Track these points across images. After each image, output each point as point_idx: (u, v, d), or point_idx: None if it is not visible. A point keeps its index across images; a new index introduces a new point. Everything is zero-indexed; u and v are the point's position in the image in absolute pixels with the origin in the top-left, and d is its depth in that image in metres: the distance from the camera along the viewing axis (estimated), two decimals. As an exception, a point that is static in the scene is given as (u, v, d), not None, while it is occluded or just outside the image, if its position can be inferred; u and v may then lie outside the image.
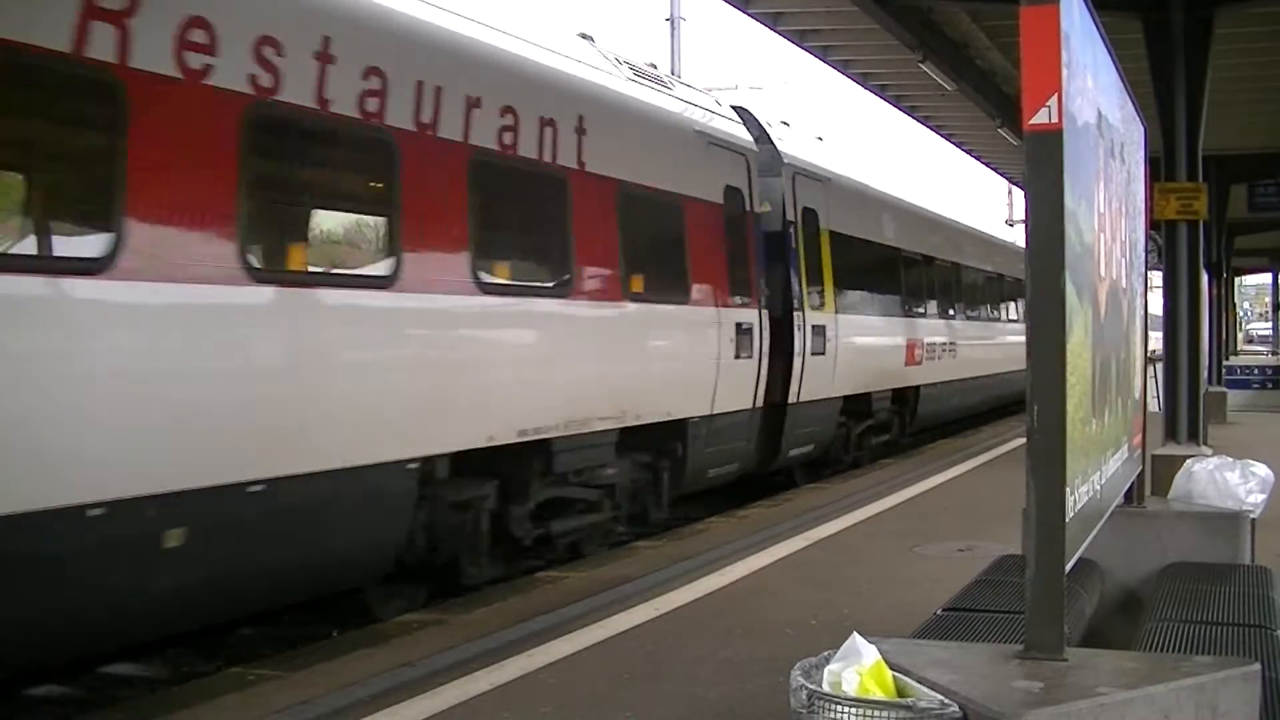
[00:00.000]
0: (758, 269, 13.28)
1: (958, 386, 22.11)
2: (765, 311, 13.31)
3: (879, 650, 3.71)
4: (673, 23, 29.74)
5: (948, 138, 26.88)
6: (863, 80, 20.68)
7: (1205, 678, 3.80)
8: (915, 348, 19.33)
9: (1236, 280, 52.32)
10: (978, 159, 30.86)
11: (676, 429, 11.58)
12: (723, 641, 7.08)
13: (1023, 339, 4.05)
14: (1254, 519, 7.00)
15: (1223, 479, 7.11)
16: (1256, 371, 29.57)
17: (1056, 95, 3.93)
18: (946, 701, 3.51)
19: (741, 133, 13.74)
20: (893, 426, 18.94)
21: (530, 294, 9.55)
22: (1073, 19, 4.22)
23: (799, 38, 17.77)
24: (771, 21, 16.91)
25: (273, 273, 7.16)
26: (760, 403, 13.19)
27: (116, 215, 6.10)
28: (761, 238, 13.58)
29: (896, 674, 3.67)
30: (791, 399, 14.09)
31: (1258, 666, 3.99)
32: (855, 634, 3.78)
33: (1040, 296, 3.99)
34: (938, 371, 20.57)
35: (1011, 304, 27.16)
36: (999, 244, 28.28)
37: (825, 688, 3.61)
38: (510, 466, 9.25)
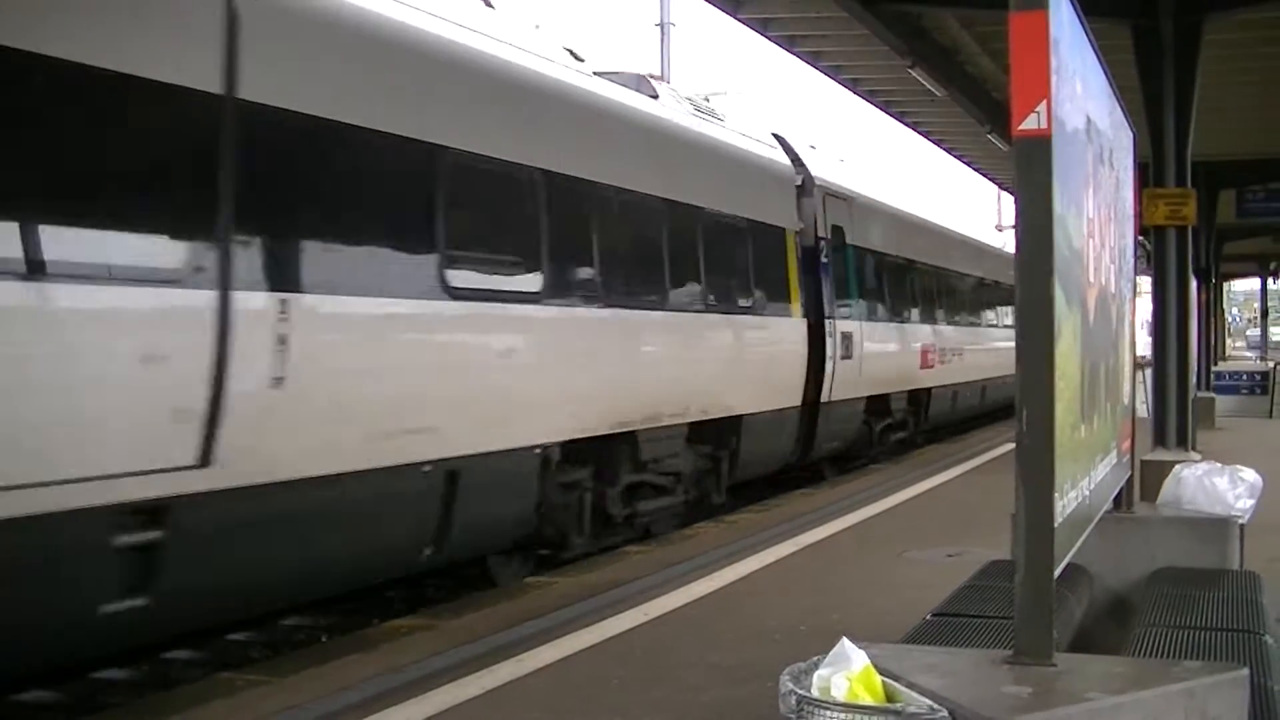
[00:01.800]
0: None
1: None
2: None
3: (868, 655, 3.72)
4: (663, 28, 29.79)
5: (937, 143, 26.95)
6: (853, 86, 20.73)
7: (1194, 683, 3.81)
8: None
9: (1225, 286, 52.46)
10: (967, 164, 30.93)
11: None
12: (712, 646, 7.08)
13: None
14: (1242, 524, 7.01)
15: (1211, 484, 7.13)
16: (1245, 377, 29.60)
17: (1045, 101, 3.94)
18: (935, 707, 3.51)
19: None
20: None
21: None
22: (1062, 25, 4.23)
23: (789, 43, 17.80)
24: (761, 27, 16.93)
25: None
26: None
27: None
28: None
29: (885, 679, 3.67)
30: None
31: (1246, 671, 4.00)
32: (844, 639, 3.78)
33: (1029, 302, 4.00)
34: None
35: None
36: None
37: (814, 693, 3.61)
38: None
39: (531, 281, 9.61)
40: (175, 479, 6.33)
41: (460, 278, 8.65)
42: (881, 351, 18.38)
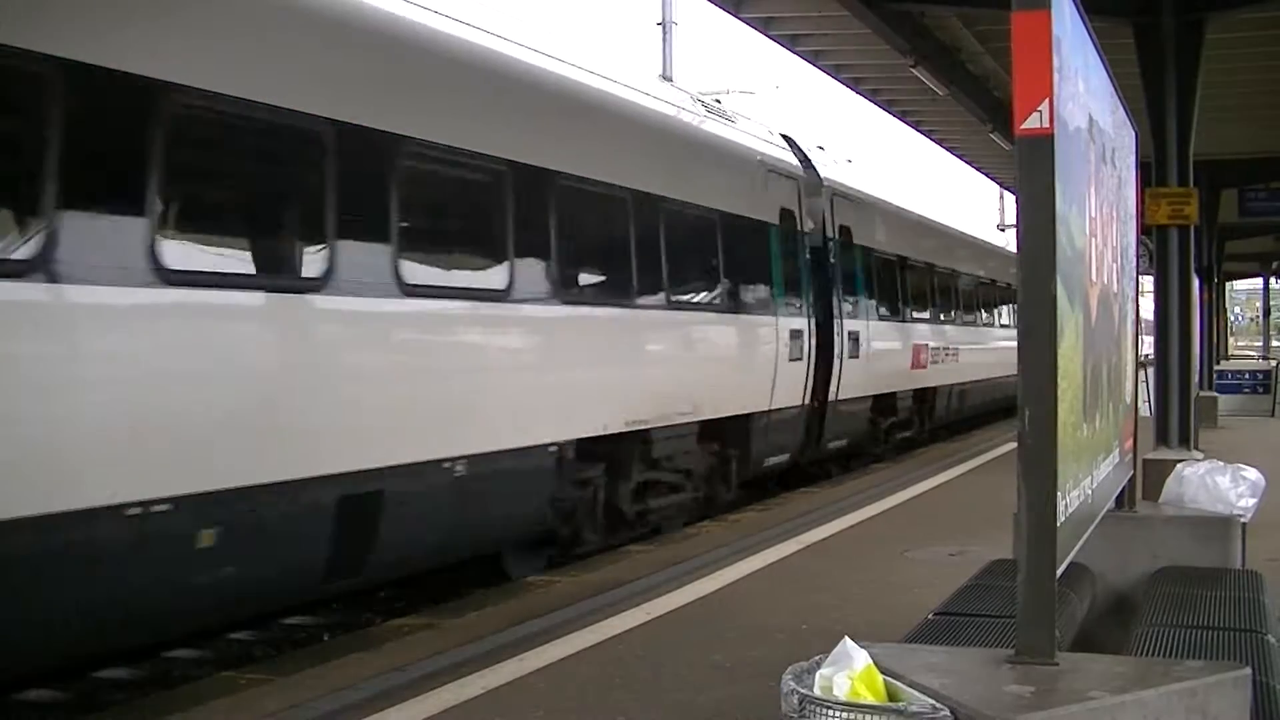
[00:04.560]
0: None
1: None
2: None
3: (870, 655, 3.72)
4: (665, 27, 29.74)
5: (939, 142, 26.93)
6: (854, 85, 20.72)
7: (1196, 682, 3.81)
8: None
9: (1227, 285, 52.44)
10: (969, 163, 30.92)
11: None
12: (714, 646, 7.08)
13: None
14: (1245, 523, 7.02)
15: (1214, 483, 7.13)
16: (1247, 376, 29.56)
17: (1048, 100, 3.94)
18: (938, 706, 3.51)
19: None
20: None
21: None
22: (1064, 24, 4.23)
23: (791, 42, 17.79)
24: (763, 26, 16.93)
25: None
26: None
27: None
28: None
29: (887, 678, 3.67)
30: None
31: (1248, 671, 4.00)
32: (846, 638, 3.78)
33: (1031, 301, 4.00)
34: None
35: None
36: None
37: (816, 692, 3.61)
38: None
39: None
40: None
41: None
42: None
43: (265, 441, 6.95)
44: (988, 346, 25.69)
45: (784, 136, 16.17)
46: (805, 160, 16.20)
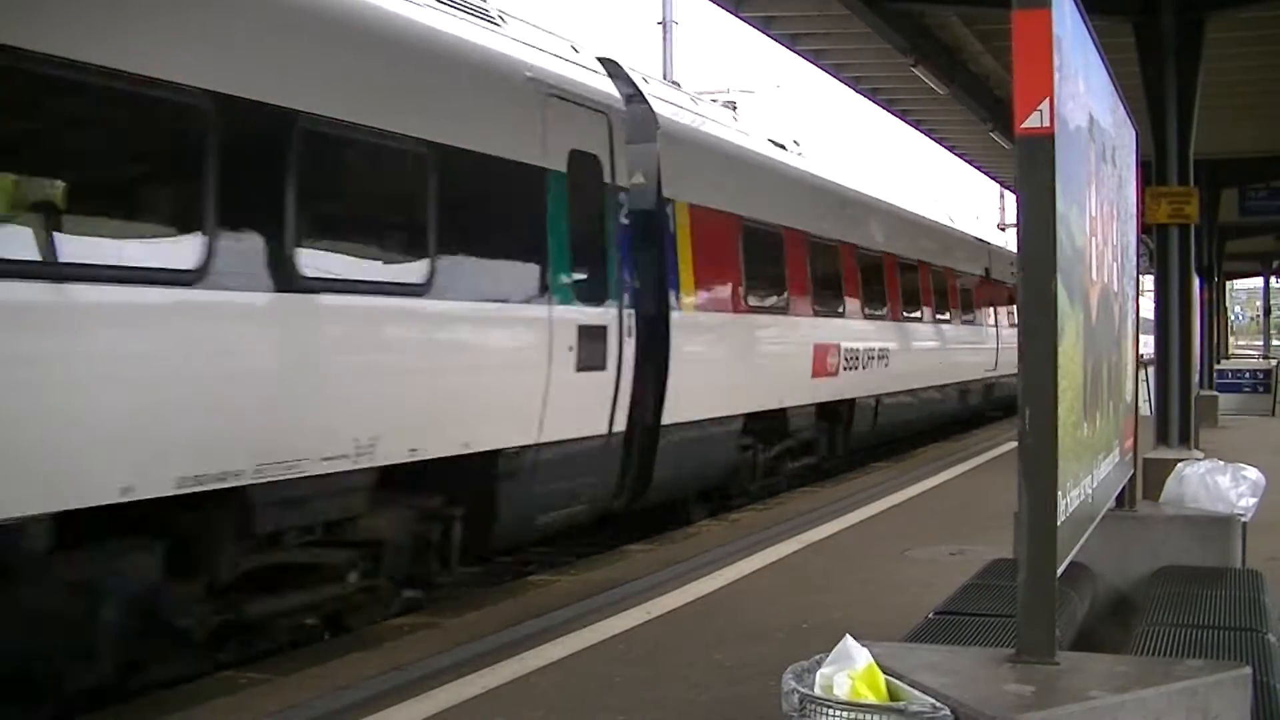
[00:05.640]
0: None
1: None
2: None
3: (871, 654, 3.72)
4: (665, 26, 29.74)
5: (940, 141, 26.92)
6: (855, 84, 20.71)
7: (1196, 681, 3.81)
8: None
9: (1228, 284, 52.40)
10: (970, 163, 30.91)
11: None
12: (714, 645, 7.08)
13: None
14: (1245, 522, 7.01)
15: (1214, 483, 7.13)
16: (1248, 375, 29.53)
17: (1048, 99, 3.94)
18: (938, 705, 3.51)
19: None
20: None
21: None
22: (1064, 23, 4.23)
23: (791, 41, 17.78)
24: (764, 25, 16.92)
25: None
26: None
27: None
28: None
29: (888, 677, 3.67)
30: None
31: (1249, 670, 4.00)
32: (847, 637, 3.78)
33: (1032, 300, 4.00)
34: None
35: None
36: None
37: (817, 691, 3.61)
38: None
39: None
40: None
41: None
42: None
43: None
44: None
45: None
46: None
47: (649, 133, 11.77)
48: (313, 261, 7.23)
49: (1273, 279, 55.25)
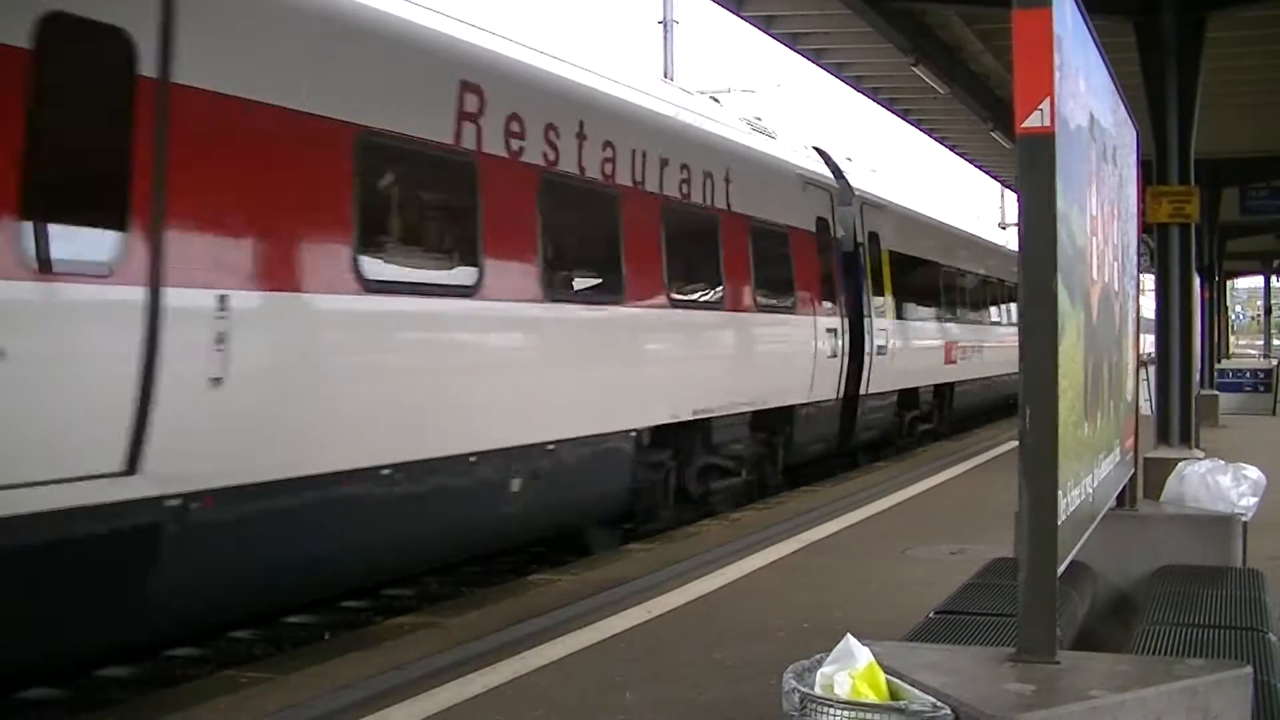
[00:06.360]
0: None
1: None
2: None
3: (871, 653, 3.71)
4: (666, 25, 29.78)
5: (940, 140, 26.93)
6: (856, 83, 20.72)
7: (1197, 681, 3.81)
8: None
9: (1228, 284, 52.40)
10: (970, 162, 30.91)
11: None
12: (715, 644, 7.08)
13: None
14: (1246, 522, 7.01)
15: (1215, 482, 7.13)
16: (1248, 375, 29.52)
17: (1049, 98, 3.94)
18: (939, 704, 3.51)
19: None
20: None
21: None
22: (1065, 22, 4.23)
23: (792, 41, 17.79)
24: (765, 24, 16.92)
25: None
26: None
27: None
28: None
29: (889, 677, 3.67)
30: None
31: (1249, 669, 4.00)
32: (848, 636, 3.78)
33: (1033, 300, 4.00)
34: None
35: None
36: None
37: (818, 690, 3.61)
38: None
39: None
40: None
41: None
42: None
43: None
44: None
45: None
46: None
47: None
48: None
49: (1273, 278, 55.25)
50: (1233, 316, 72.38)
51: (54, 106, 6.06)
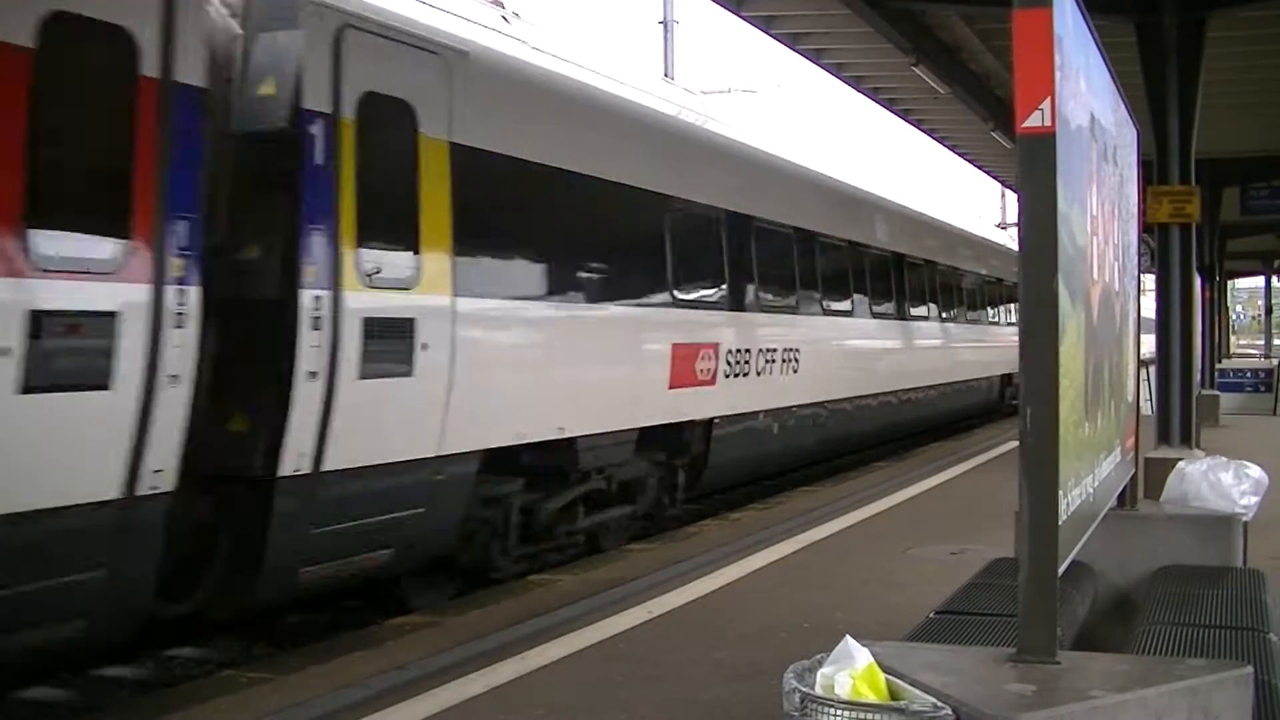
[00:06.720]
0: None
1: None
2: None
3: (872, 653, 3.71)
4: (666, 25, 29.75)
5: (941, 141, 26.90)
6: (856, 84, 20.70)
7: (1197, 681, 3.81)
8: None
9: (1229, 283, 52.36)
10: (971, 162, 30.87)
11: None
12: (716, 644, 7.08)
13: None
14: (1246, 521, 7.00)
15: (1216, 480, 7.11)
16: (1249, 374, 29.50)
17: (1049, 98, 3.93)
18: (939, 704, 3.51)
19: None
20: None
21: None
22: (1065, 22, 4.23)
23: (792, 41, 17.78)
24: (765, 24, 16.91)
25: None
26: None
27: None
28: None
29: (889, 677, 3.67)
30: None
31: (1250, 669, 3.99)
32: (848, 637, 3.78)
33: (1033, 300, 3.99)
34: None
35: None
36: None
37: (818, 690, 3.61)
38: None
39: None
40: None
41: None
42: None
43: None
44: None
45: None
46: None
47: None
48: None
49: (1274, 278, 55.24)
50: (1233, 316, 72.37)
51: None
